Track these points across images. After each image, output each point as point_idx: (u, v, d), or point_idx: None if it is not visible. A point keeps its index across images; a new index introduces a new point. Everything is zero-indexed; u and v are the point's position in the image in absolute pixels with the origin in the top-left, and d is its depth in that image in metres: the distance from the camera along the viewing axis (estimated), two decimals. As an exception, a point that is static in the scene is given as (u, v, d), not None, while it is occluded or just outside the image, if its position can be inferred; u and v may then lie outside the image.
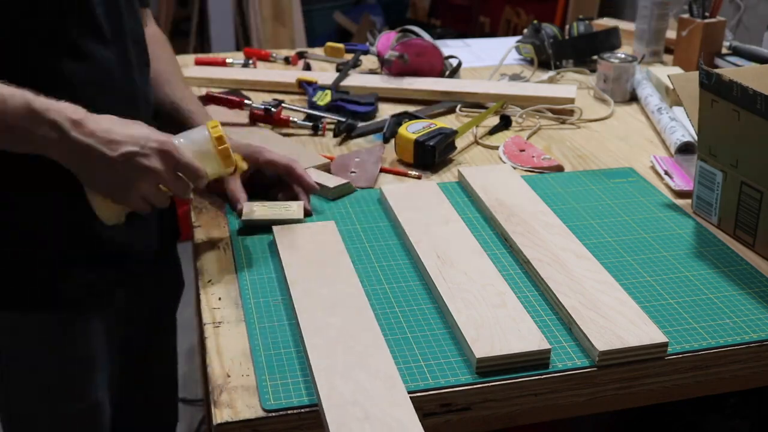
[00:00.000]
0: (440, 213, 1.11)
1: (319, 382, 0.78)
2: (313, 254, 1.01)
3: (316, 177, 1.18)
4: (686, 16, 1.73)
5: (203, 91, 1.57)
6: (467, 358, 0.85)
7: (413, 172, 1.26)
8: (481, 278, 0.96)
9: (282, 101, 1.46)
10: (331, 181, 1.18)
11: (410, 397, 0.80)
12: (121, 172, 0.89)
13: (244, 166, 1.04)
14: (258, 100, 1.50)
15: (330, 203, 1.16)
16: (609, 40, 1.77)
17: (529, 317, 0.89)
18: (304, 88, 1.56)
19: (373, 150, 1.31)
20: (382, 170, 1.27)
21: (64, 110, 0.86)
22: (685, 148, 1.32)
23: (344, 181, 1.19)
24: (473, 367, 0.83)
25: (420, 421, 0.81)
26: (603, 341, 0.85)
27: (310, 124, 1.41)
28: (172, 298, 1.34)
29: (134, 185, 0.91)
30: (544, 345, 0.85)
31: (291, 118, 1.41)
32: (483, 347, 0.84)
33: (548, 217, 1.10)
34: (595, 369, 0.85)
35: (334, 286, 0.94)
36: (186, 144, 0.97)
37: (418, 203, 1.13)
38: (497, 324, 0.88)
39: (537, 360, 0.84)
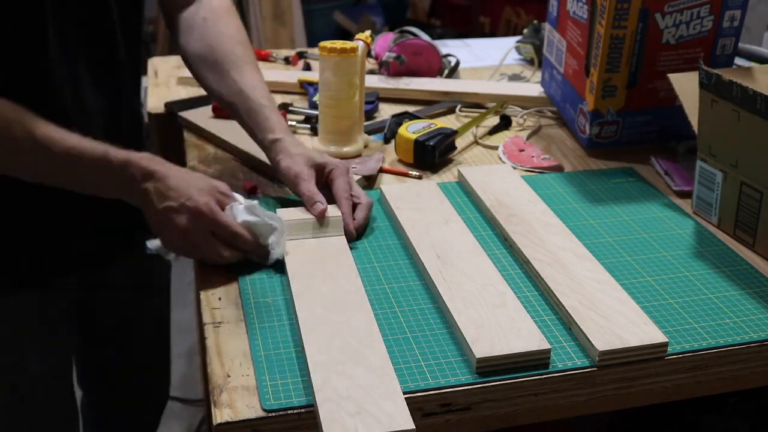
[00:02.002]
0: (440, 213, 1.11)
1: (313, 377, 0.78)
2: (316, 250, 1.01)
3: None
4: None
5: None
6: (467, 358, 0.85)
7: (413, 172, 1.26)
8: (481, 278, 0.96)
9: (290, 104, 1.47)
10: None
11: (410, 397, 0.80)
12: (163, 224, 0.96)
13: None
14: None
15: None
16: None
17: (529, 317, 0.89)
18: (305, 88, 1.56)
19: (373, 154, 1.31)
20: (382, 170, 1.27)
21: (140, 161, 0.95)
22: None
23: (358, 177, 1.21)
24: (473, 367, 0.83)
25: (420, 420, 0.81)
26: (603, 341, 0.85)
27: (308, 125, 1.41)
28: (152, 281, 1.35)
29: (173, 239, 0.97)
30: (544, 345, 0.85)
31: (289, 121, 1.42)
32: (483, 347, 0.84)
33: (548, 217, 1.10)
34: (595, 369, 0.85)
35: (334, 282, 0.94)
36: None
37: (418, 203, 1.13)
38: (497, 324, 0.88)
39: (537, 360, 0.84)
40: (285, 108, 1.44)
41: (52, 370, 1.15)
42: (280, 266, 0.99)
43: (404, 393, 0.80)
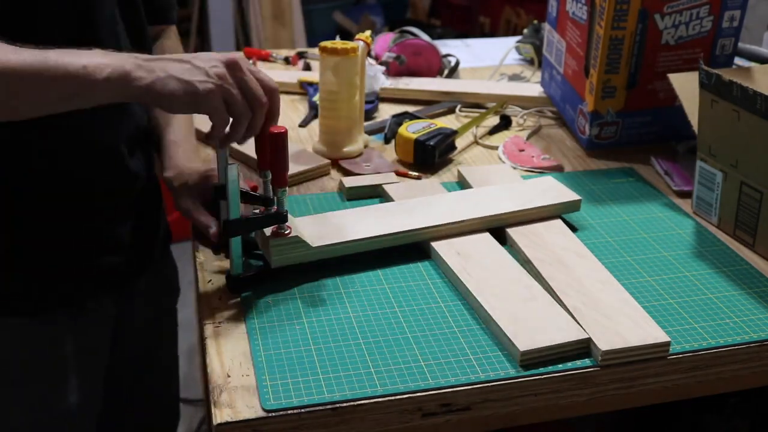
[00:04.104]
0: None
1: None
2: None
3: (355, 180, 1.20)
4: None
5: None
6: (507, 352, 0.85)
7: (413, 173, 1.26)
8: (505, 272, 0.97)
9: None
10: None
11: (410, 397, 0.80)
12: (193, 66, 0.86)
13: None
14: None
15: (328, 203, 1.16)
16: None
17: (560, 308, 0.90)
18: (305, 88, 1.56)
19: (372, 153, 1.32)
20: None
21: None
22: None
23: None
24: (516, 360, 0.84)
25: (420, 420, 0.81)
26: (606, 341, 0.85)
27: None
28: (168, 302, 1.34)
29: (208, 78, 0.86)
30: (582, 335, 0.86)
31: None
32: (524, 340, 0.85)
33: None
34: (596, 369, 0.85)
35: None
36: None
37: None
38: (532, 316, 0.89)
39: (577, 349, 0.86)
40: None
41: (88, 400, 1.12)
42: (279, 266, 0.99)
43: (404, 393, 0.80)
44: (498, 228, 1.07)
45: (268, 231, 0.97)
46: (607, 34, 1.23)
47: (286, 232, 0.97)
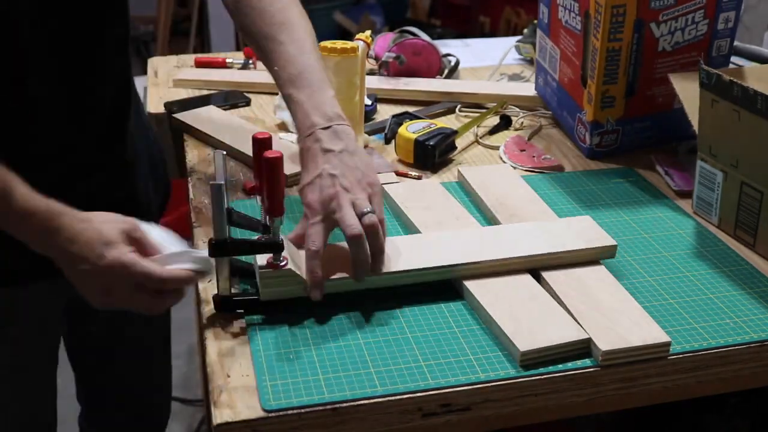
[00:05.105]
0: (449, 210, 1.11)
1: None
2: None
3: None
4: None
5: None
6: (508, 352, 0.85)
7: (413, 173, 1.26)
8: (506, 272, 0.96)
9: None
10: None
11: (410, 397, 0.80)
12: (83, 287, 0.86)
13: None
14: (256, 101, 1.52)
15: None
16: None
17: (560, 308, 0.90)
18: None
19: (372, 153, 1.31)
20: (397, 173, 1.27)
21: (42, 215, 0.84)
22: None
23: None
24: (516, 361, 0.84)
25: (420, 420, 0.81)
26: (606, 341, 0.85)
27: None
28: None
29: (99, 301, 0.87)
30: (583, 335, 0.86)
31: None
32: (524, 340, 0.85)
33: (549, 217, 1.10)
34: (597, 369, 0.85)
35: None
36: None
37: (425, 201, 1.13)
38: (532, 316, 0.88)
39: (578, 349, 0.86)
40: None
41: (42, 379, 1.10)
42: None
43: (404, 393, 0.80)
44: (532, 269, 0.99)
45: (262, 260, 0.90)
46: (603, 47, 1.22)
47: (282, 263, 0.89)
